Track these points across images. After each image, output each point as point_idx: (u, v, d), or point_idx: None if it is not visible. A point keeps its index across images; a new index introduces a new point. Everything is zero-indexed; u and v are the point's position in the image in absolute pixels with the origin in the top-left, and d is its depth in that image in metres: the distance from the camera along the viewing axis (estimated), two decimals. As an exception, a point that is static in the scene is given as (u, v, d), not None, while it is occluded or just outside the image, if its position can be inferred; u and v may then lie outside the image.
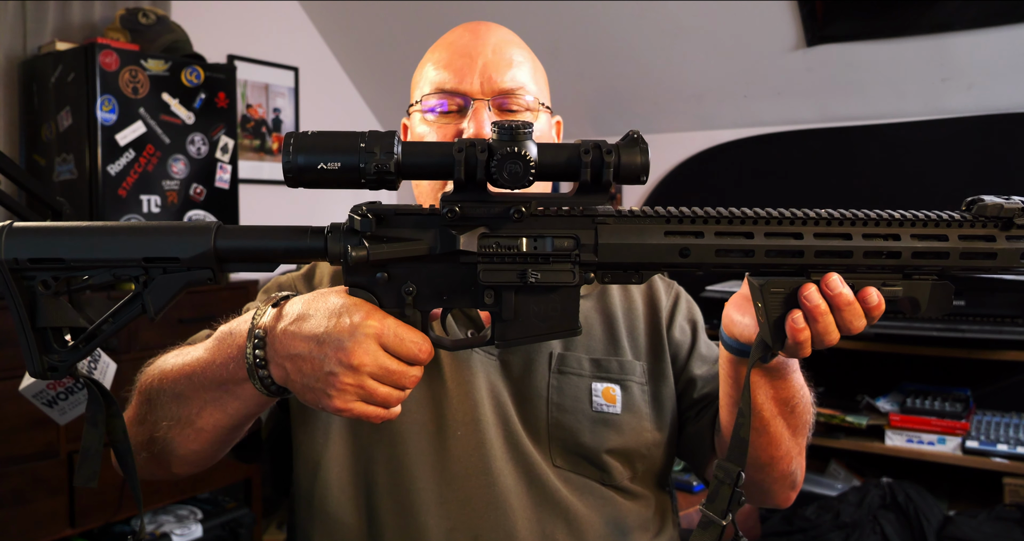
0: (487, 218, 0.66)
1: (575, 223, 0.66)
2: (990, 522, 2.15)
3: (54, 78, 2.57)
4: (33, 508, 2.26)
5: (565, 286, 0.66)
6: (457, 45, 0.96)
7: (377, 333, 0.67)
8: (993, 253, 0.65)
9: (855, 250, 0.66)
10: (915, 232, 0.67)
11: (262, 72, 3.50)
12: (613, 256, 0.66)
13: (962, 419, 2.33)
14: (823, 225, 0.67)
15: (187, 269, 0.67)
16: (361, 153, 0.63)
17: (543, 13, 3.11)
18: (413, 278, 0.68)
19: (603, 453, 0.92)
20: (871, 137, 2.80)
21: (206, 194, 2.79)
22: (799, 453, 0.92)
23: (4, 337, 2.20)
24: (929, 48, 2.56)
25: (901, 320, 2.37)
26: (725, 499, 0.69)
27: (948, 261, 0.66)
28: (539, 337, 0.69)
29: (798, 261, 0.67)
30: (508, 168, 0.62)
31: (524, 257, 0.65)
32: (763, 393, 0.83)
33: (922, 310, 0.68)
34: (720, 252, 0.66)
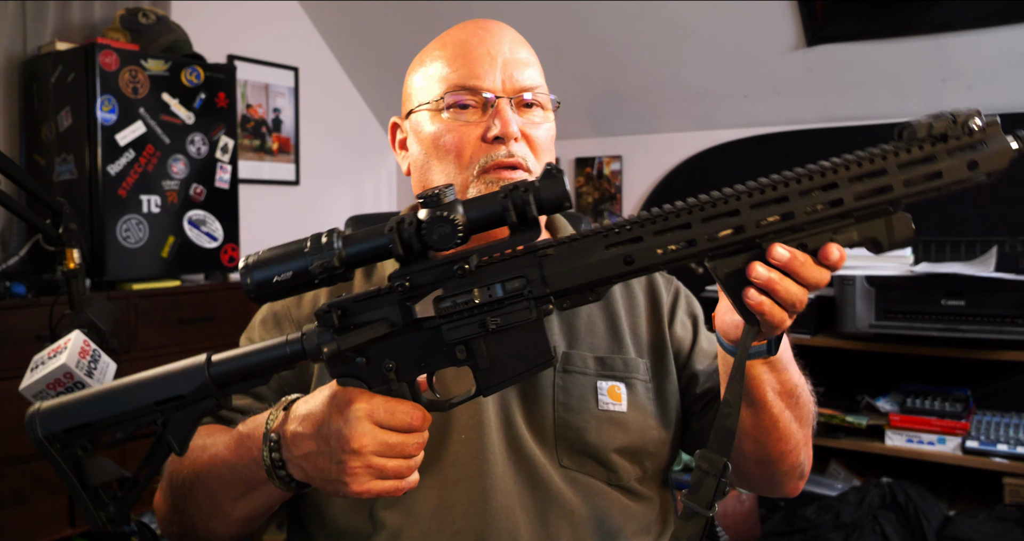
0: (437, 281, 0.69)
1: (520, 263, 0.68)
2: (990, 522, 2.15)
3: (54, 78, 2.57)
4: (33, 508, 2.26)
5: (526, 323, 0.69)
6: (472, 42, 0.95)
7: (368, 413, 0.70)
8: (938, 172, 0.64)
9: (796, 211, 0.66)
10: (851, 175, 0.65)
11: (262, 72, 3.50)
12: (563, 283, 0.68)
13: (962, 419, 2.33)
14: (756, 195, 0.66)
15: (194, 403, 0.73)
16: (306, 258, 0.68)
17: (543, 13, 3.11)
18: (390, 355, 0.71)
19: (611, 452, 0.92)
20: (871, 137, 2.79)
21: (206, 194, 2.79)
22: (806, 443, 0.92)
23: (4, 337, 2.21)
24: (929, 48, 2.56)
25: (901, 320, 2.37)
26: (710, 490, 0.68)
27: (894, 193, 0.64)
28: (520, 376, 0.71)
29: (743, 236, 0.66)
30: (438, 232, 0.66)
31: (481, 307, 0.68)
32: (770, 389, 0.83)
33: (884, 247, 0.67)
34: (663, 250, 0.66)
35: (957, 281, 2.29)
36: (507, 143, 0.91)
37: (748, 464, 0.92)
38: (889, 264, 2.47)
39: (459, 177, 0.92)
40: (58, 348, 1.11)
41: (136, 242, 2.59)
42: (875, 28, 2.59)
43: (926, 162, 0.64)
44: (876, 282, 2.40)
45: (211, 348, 0.81)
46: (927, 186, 0.64)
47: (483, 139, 0.91)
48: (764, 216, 0.66)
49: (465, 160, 0.92)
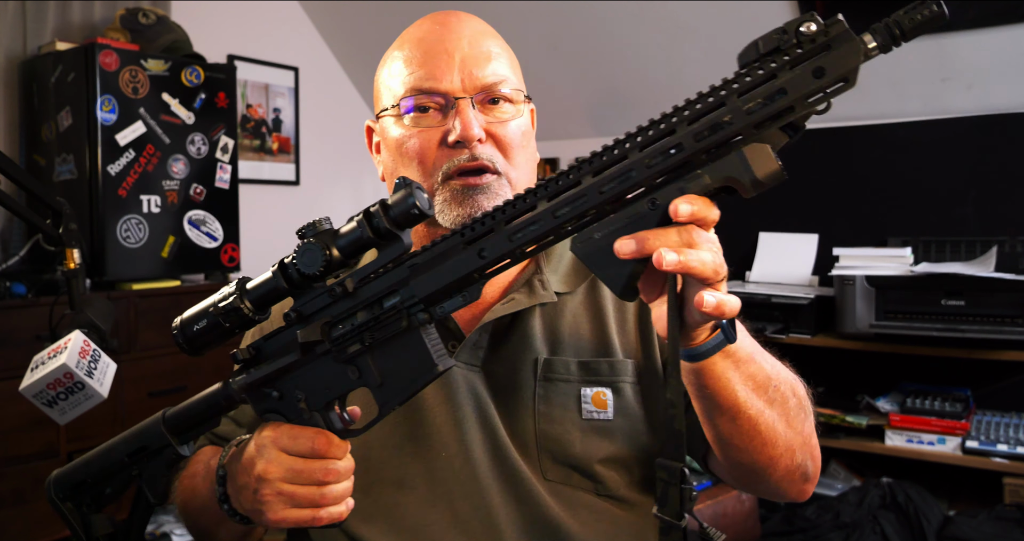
0: (323, 309, 0.72)
1: (393, 276, 0.69)
2: (990, 522, 2.15)
3: (54, 78, 2.57)
4: (33, 508, 2.26)
5: (403, 334, 0.70)
6: (429, 40, 0.89)
7: (273, 440, 0.73)
8: (781, 89, 0.55)
9: (635, 166, 0.60)
10: (689, 117, 0.58)
11: (262, 72, 3.50)
12: (429, 288, 0.68)
13: (962, 419, 2.33)
14: (597, 162, 0.62)
15: (157, 452, 0.79)
16: (216, 313, 0.73)
17: (543, 13, 3.11)
18: (299, 386, 0.74)
19: (595, 463, 0.87)
20: (871, 137, 2.80)
21: (206, 194, 2.79)
22: (803, 442, 0.81)
23: (4, 337, 2.21)
24: (929, 48, 2.56)
25: (901, 320, 2.37)
26: (675, 499, 0.64)
27: (735, 124, 0.57)
28: (409, 389, 0.71)
29: (592, 204, 0.62)
30: (306, 259, 0.68)
31: (363, 325, 0.70)
32: (739, 387, 0.73)
33: (747, 187, 0.58)
34: (513, 237, 0.64)
35: (957, 281, 2.29)
36: (470, 146, 0.86)
37: (740, 474, 0.84)
38: (889, 264, 2.47)
39: (424, 184, 0.88)
40: (58, 348, 1.11)
41: (136, 242, 2.59)
42: (875, 28, 2.59)
43: (767, 81, 0.56)
44: (876, 282, 2.40)
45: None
46: (775, 107, 0.56)
47: (444, 143, 0.87)
48: (604, 180, 0.61)
49: (428, 166, 0.88)
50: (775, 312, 2.61)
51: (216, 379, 1.01)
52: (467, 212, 0.86)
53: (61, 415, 1.11)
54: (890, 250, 2.56)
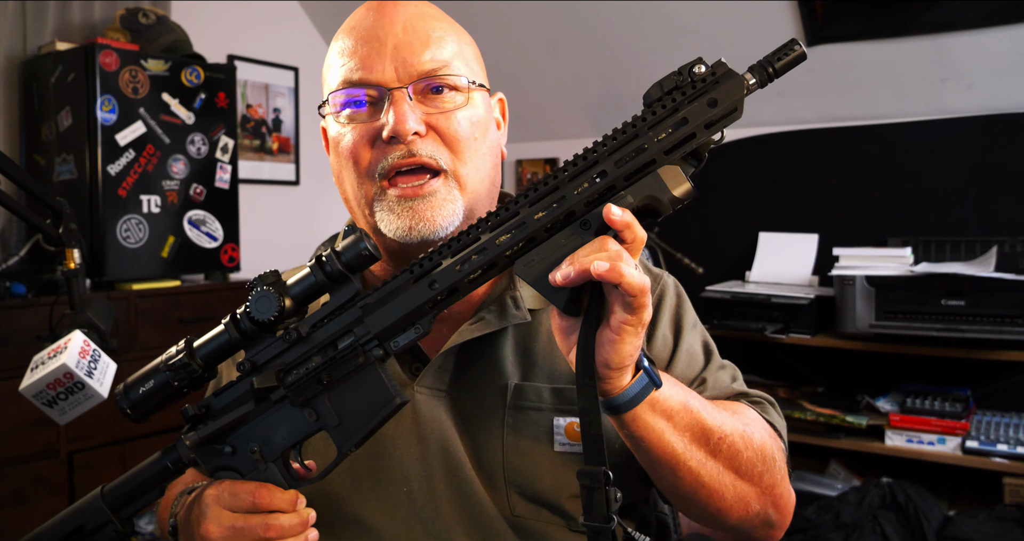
0: (277, 356, 0.71)
1: (346, 317, 0.70)
2: (990, 522, 2.15)
3: (54, 78, 2.57)
4: (33, 508, 2.26)
5: (359, 372, 0.70)
6: (361, 28, 0.82)
7: (215, 499, 0.71)
8: (683, 119, 0.65)
9: (567, 193, 0.66)
10: (610, 149, 0.67)
11: (262, 72, 3.50)
12: (382, 323, 0.69)
13: (962, 419, 2.33)
14: (532, 195, 0.68)
15: (94, 531, 0.75)
16: (166, 372, 0.71)
17: (543, 13, 3.11)
18: (253, 438, 0.72)
19: (566, 499, 0.81)
20: (871, 137, 2.80)
21: (206, 194, 2.79)
22: (761, 493, 0.79)
23: (4, 337, 2.21)
24: (929, 48, 2.56)
25: (901, 320, 2.37)
26: (601, 503, 0.65)
27: (649, 151, 0.66)
28: (368, 425, 0.70)
29: (530, 231, 0.67)
30: (260, 305, 0.69)
31: (319, 368, 0.70)
32: (674, 437, 0.72)
33: (665, 205, 0.66)
34: (461, 267, 0.68)
35: (957, 281, 2.29)
36: (405, 141, 0.79)
37: (697, 520, 0.82)
38: (889, 264, 2.47)
39: (361, 189, 0.83)
40: (58, 348, 1.11)
41: (136, 242, 2.59)
42: (875, 28, 2.59)
43: (671, 114, 0.66)
44: (876, 282, 2.40)
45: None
46: (680, 134, 0.65)
47: (379, 140, 0.80)
48: (545, 209, 0.67)
49: (363, 167, 0.82)
50: (775, 312, 2.61)
51: (216, 379, 1.01)
52: (408, 224, 0.80)
53: (61, 415, 1.11)
54: (890, 250, 2.55)
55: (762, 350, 2.81)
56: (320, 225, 3.57)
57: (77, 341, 1.11)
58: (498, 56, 3.18)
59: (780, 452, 0.83)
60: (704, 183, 3.26)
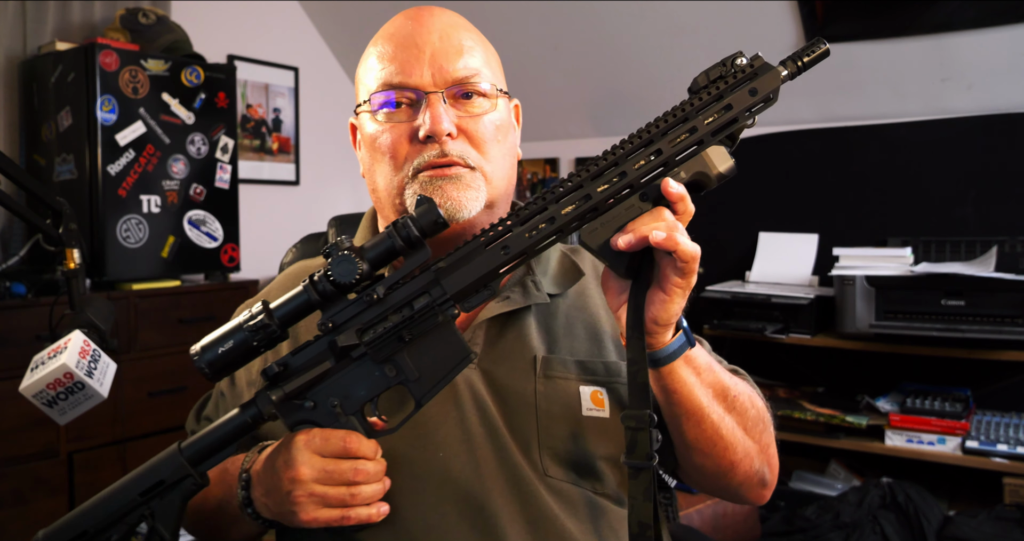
0: (357, 316, 0.77)
1: (420, 280, 0.76)
2: (990, 522, 2.15)
3: (54, 78, 2.57)
4: (33, 508, 2.26)
5: (437, 329, 0.77)
6: (400, 35, 0.90)
7: (305, 443, 0.76)
8: (728, 105, 0.75)
9: (627, 171, 0.75)
10: (663, 129, 0.76)
11: (262, 72, 3.50)
12: (458, 285, 0.76)
13: (962, 419, 2.33)
14: (594, 169, 0.76)
15: (175, 485, 0.78)
16: (244, 331, 0.75)
17: (543, 13, 3.11)
18: (333, 393, 0.78)
19: (598, 460, 0.88)
20: (871, 137, 2.80)
21: (206, 194, 2.79)
22: (760, 450, 0.89)
23: (4, 337, 2.21)
24: (929, 48, 2.56)
25: (901, 320, 2.37)
26: (645, 443, 0.74)
27: (700, 132, 0.75)
28: (446, 377, 0.78)
29: (590, 204, 0.76)
30: (341, 269, 0.74)
31: (397, 326, 0.76)
32: (700, 393, 0.81)
33: (712, 180, 0.76)
34: (531, 234, 0.76)
35: (957, 281, 2.29)
36: (439, 141, 0.87)
37: (705, 479, 0.90)
38: (889, 264, 2.47)
39: (395, 179, 0.90)
40: (58, 348, 1.11)
41: (136, 242, 2.59)
42: (875, 28, 2.59)
43: (717, 100, 0.76)
44: (876, 282, 2.40)
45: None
46: (725, 117, 0.75)
47: (415, 139, 0.88)
48: (603, 189, 0.75)
49: (400, 161, 0.89)
50: (775, 312, 2.61)
51: (216, 379, 1.01)
52: (438, 201, 0.86)
53: (61, 415, 1.11)
54: (890, 250, 2.56)
55: (762, 350, 2.81)
56: (320, 225, 3.56)
57: (77, 341, 1.11)
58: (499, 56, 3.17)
59: (771, 416, 0.94)
60: (704, 183, 3.28)
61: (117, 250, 2.53)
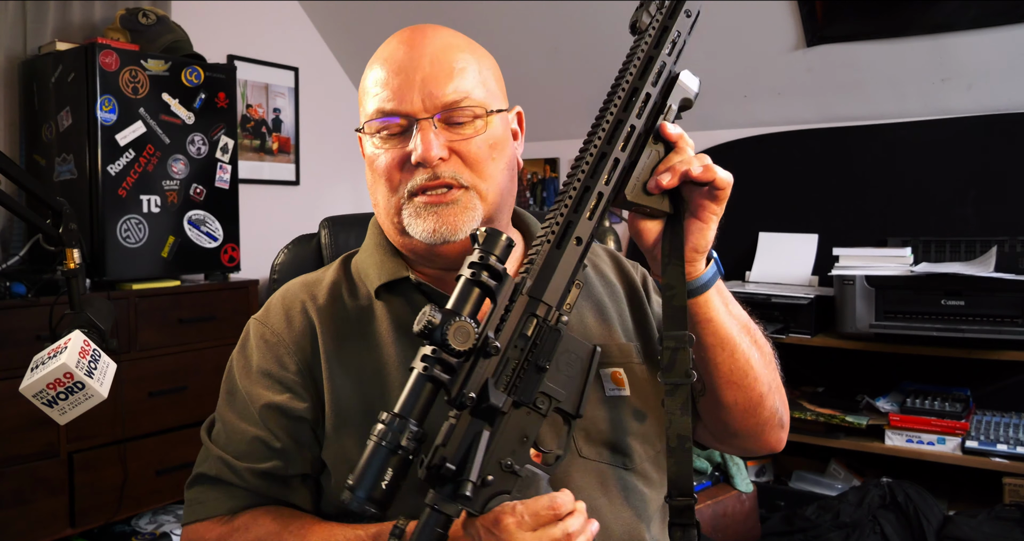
0: (481, 372, 0.73)
1: (518, 308, 0.75)
2: (990, 522, 2.15)
3: (54, 78, 2.57)
4: (33, 508, 2.26)
5: (559, 343, 0.77)
6: (393, 61, 0.92)
7: (516, 525, 0.71)
8: (677, 33, 0.84)
9: (631, 120, 0.81)
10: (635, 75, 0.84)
11: (262, 72, 3.50)
12: (555, 293, 0.76)
13: (962, 419, 2.33)
14: (604, 133, 0.80)
15: None
16: (388, 448, 0.70)
17: (543, 13, 3.11)
18: (502, 455, 0.74)
19: (627, 436, 0.93)
20: (871, 137, 2.80)
21: (206, 194, 2.79)
22: (778, 388, 0.96)
23: (4, 337, 2.21)
24: (929, 48, 2.56)
25: (901, 320, 2.37)
26: (685, 361, 0.79)
27: (669, 66, 0.84)
28: (588, 381, 0.78)
29: (624, 164, 0.80)
30: (459, 338, 0.70)
31: (525, 361, 0.75)
32: (730, 325, 0.87)
33: (693, 98, 0.85)
34: (591, 215, 0.78)
35: (957, 281, 2.29)
36: (431, 166, 0.88)
37: (733, 417, 0.93)
38: (889, 264, 2.47)
39: (392, 199, 0.92)
40: (58, 348, 1.11)
41: (136, 242, 2.59)
42: (875, 28, 2.59)
43: (664, 32, 0.83)
44: (876, 282, 2.40)
45: (210, 347, 0.80)
46: (678, 45, 0.83)
47: (407, 164, 0.90)
48: (616, 143, 0.79)
49: (394, 184, 0.91)
50: (775, 312, 2.61)
51: (216, 379, 1.01)
52: (432, 227, 0.89)
53: (61, 415, 1.11)
54: (890, 250, 2.56)
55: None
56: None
57: (77, 341, 1.11)
58: (499, 57, 3.17)
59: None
60: (704, 183, 3.27)
61: (117, 250, 2.53)
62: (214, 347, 2.66)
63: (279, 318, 0.97)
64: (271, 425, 0.91)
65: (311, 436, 0.92)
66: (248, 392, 0.94)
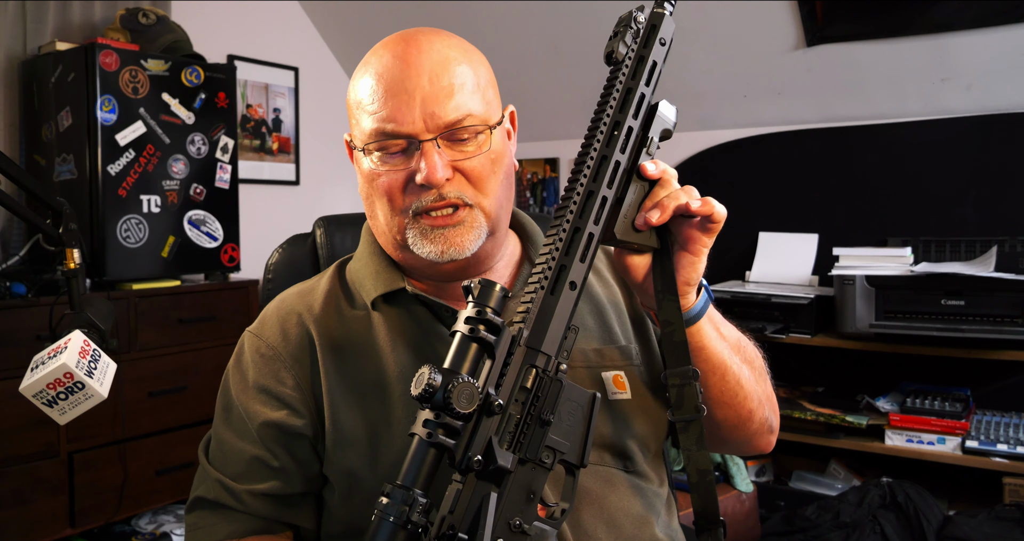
0: (485, 432, 0.70)
1: (516, 360, 0.72)
2: (990, 522, 2.15)
3: (54, 78, 2.57)
4: (33, 508, 2.26)
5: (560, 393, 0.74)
6: (389, 78, 0.87)
7: None
8: (653, 63, 0.85)
9: (615, 156, 0.81)
10: (616, 106, 0.83)
11: (262, 72, 3.50)
12: (552, 342, 0.74)
13: (962, 419, 2.33)
14: (589, 170, 0.80)
15: None
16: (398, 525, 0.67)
17: (544, 13, 3.11)
18: (510, 515, 0.71)
19: (628, 440, 0.92)
20: (871, 137, 2.80)
21: (206, 194, 2.79)
22: (768, 398, 0.98)
23: (4, 337, 2.21)
24: (929, 48, 2.56)
25: (901, 320, 2.37)
26: (693, 397, 0.80)
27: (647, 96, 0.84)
28: (590, 429, 0.74)
29: (611, 202, 0.80)
30: (463, 401, 0.67)
31: (527, 414, 0.72)
32: (722, 347, 0.89)
33: (672, 128, 0.85)
34: (582, 257, 0.77)
35: (957, 281, 2.29)
36: (436, 187, 0.86)
37: (722, 431, 0.95)
38: (889, 264, 2.47)
39: (395, 219, 0.90)
40: (58, 348, 1.11)
41: (136, 242, 2.59)
42: (875, 28, 2.59)
43: (640, 62, 0.83)
44: (876, 282, 2.40)
45: (210, 347, 0.80)
46: (655, 74, 0.83)
47: (411, 184, 0.88)
48: (601, 181, 0.79)
49: (398, 204, 0.89)
50: (775, 312, 2.61)
51: (216, 379, 1.01)
52: (440, 249, 0.87)
53: (61, 415, 1.11)
54: (890, 250, 2.56)
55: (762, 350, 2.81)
56: (320, 225, 3.57)
57: (77, 341, 1.11)
58: (499, 56, 3.17)
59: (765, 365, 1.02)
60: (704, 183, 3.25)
61: (117, 250, 2.53)
62: (214, 347, 2.66)
63: (275, 331, 0.95)
64: (269, 443, 0.90)
65: (310, 453, 0.91)
66: (245, 409, 0.92)
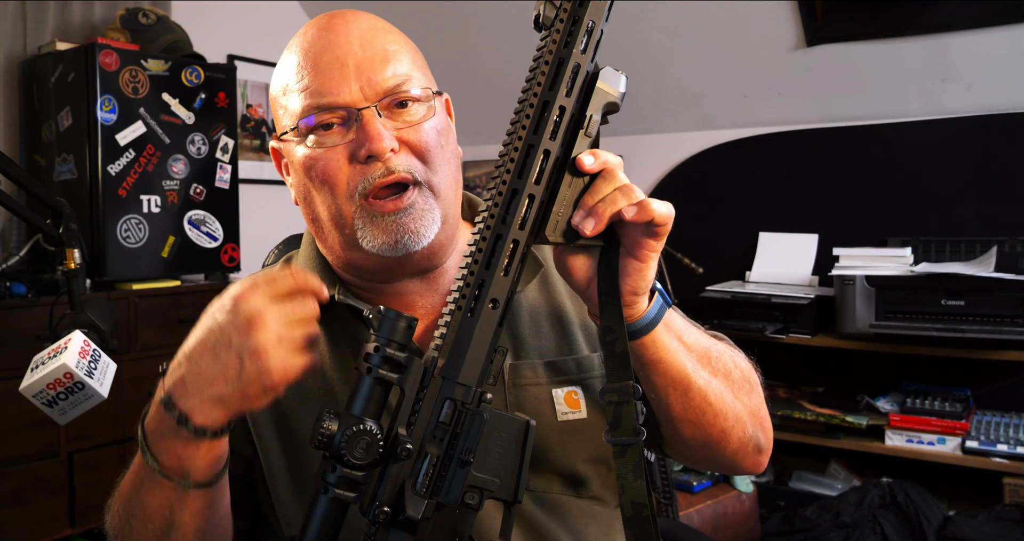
0: (396, 476, 0.64)
1: (431, 393, 0.65)
2: (990, 522, 2.15)
3: (54, 78, 2.57)
4: (33, 508, 2.26)
5: (484, 426, 0.65)
6: (317, 50, 0.81)
7: None
8: (589, 23, 0.71)
9: (544, 143, 0.67)
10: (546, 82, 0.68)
11: (262, 72, 3.50)
12: (475, 369, 0.65)
13: (962, 419, 2.33)
14: (511, 163, 0.66)
15: None
16: None
17: (543, 13, 3.10)
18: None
19: (579, 463, 0.84)
20: (871, 137, 2.80)
21: (206, 194, 2.79)
22: (752, 413, 0.83)
23: (4, 337, 2.21)
24: (929, 48, 2.56)
25: (901, 320, 2.37)
26: (630, 416, 0.67)
27: (584, 66, 0.70)
28: (523, 460, 0.66)
29: (539, 199, 0.67)
30: (362, 451, 0.61)
31: (446, 454, 0.64)
32: (684, 358, 0.75)
33: (619, 102, 0.70)
34: (506, 271, 0.66)
35: (957, 281, 2.29)
36: (383, 159, 0.78)
37: (693, 451, 0.84)
38: (889, 264, 2.47)
39: (342, 208, 0.81)
40: (58, 348, 1.11)
41: (136, 242, 2.59)
42: (875, 28, 2.59)
43: (575, 23, 0.69)
44: (876, 282, 2.40)
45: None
46: (593, 37, 0.70)
47: (355, 160, 0.79)
48: (528, 173, 0.66)
49: (342, 189, 0.80)
50: (775, 312, 2.61)
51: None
52: (394, 238, 0.79)
53: (61, 415, 1.11)
54: (890, 250, 2.56)
55: (762, 350, 2.79)
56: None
57: (77, 341, 1.11)
58: (499, 56, 3.18)
59: (758, 377, 0.88)
60: (704, 183, 3.25)
61: (117, 250, 2.53)
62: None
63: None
64: None
65: (247, 493, 0.88)
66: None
